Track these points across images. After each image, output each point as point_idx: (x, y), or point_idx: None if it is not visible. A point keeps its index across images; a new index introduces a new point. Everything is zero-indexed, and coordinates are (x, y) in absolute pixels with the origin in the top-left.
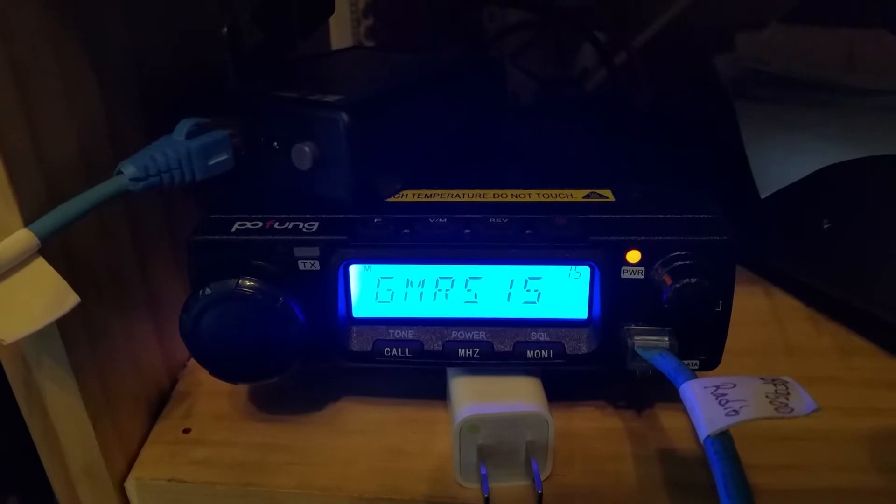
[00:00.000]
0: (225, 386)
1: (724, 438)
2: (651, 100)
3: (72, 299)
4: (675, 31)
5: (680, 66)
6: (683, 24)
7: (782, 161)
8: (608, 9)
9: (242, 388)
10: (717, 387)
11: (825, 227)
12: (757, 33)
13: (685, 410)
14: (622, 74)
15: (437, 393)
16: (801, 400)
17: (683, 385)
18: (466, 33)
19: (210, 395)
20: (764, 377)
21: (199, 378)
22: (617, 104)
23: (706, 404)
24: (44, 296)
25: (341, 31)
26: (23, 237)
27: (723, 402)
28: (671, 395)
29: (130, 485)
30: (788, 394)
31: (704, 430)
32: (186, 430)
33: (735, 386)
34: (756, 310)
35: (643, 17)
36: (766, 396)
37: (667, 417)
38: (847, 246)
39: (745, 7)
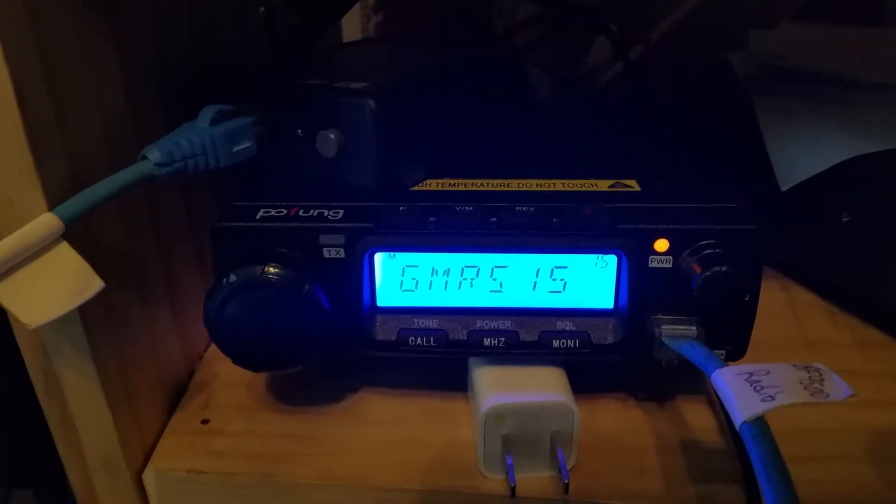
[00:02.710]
0: (243, 376)
1: (760, 423)
2: (668, 94)
3: (96, 284)
4: (687, 28)
5: (695, 62)
6: (695, 22)
7: (803, 154)
8: (620, 4)
9: (260, 379)
10: (751, 374)
11: (844, 220)
12: (769, 32)
13: (706, 401)
14: (638, 69)
15: (458, 384)
16: (836, 385)
17: (716, 373)
18: (477, 29)
19: (228, 386)
20: (796, 364)
21: (217, 369)
22: (634, 99)
23: (741, 391)
24: (68, 280)
25: (351, 27)
26: (47, 221)
27: (757, 389)
28: (692, 387)
29: (148, 476)
30: (823, 380)
31: (740, 417)
32: (205, 421)
33: (768, 373)
34: (774, 303)
35: (653, 14)
36: (801, 382)
37: (688, 408)
38: (866, 240)
39: (755, 5)
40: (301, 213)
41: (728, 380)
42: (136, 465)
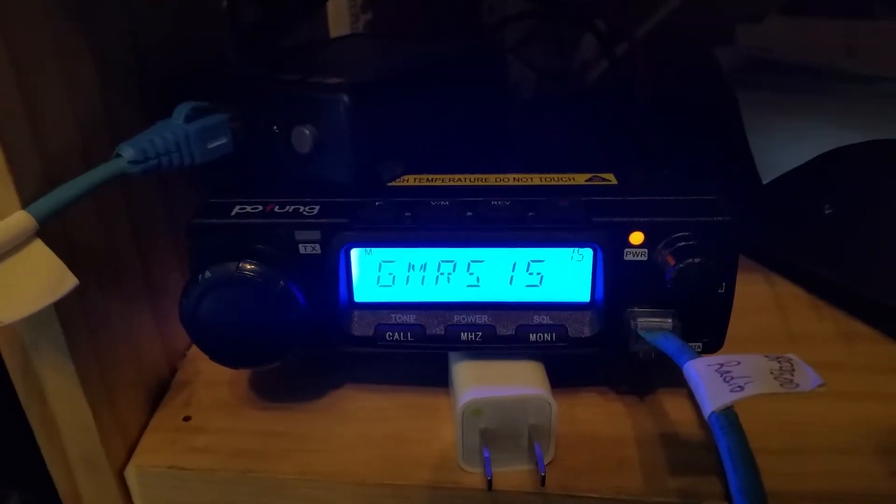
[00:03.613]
0: (225, 375)
1: (728, 413)
2: (652, 89)
3: (70, 281)
4: (674, 23)
5: (680, 57)
6: (682, 17)
7: (784, 146)
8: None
9: (242, 377)
10: (721, 364)
11: (827, 212)
12: (756, 25)
13: (687, 395)
14: (623, 65)
15: (439, 380)
16: (806, 375)
17: (687, 364)
18: (466, 27)
19: (210, 384)
20: (768, 355)
21: (199, 367)
22: (619, 94)
23: (711, 381)
24: (42, 277)
25: (340, 26)
26: (20, 218)
27: (727, 379)
28: (672, 381)
29: (130, 472)
30: (793, 370)
31: (709, 407)
32: (187, 419)
33: (739, 363)
34: (758, 297)
35: (641, 9)
36: (771, 373)
37: (668, 402)
38: (849, 231)
39: None
40: (277, 209)
41: (699, 370)
42: (119, 462)
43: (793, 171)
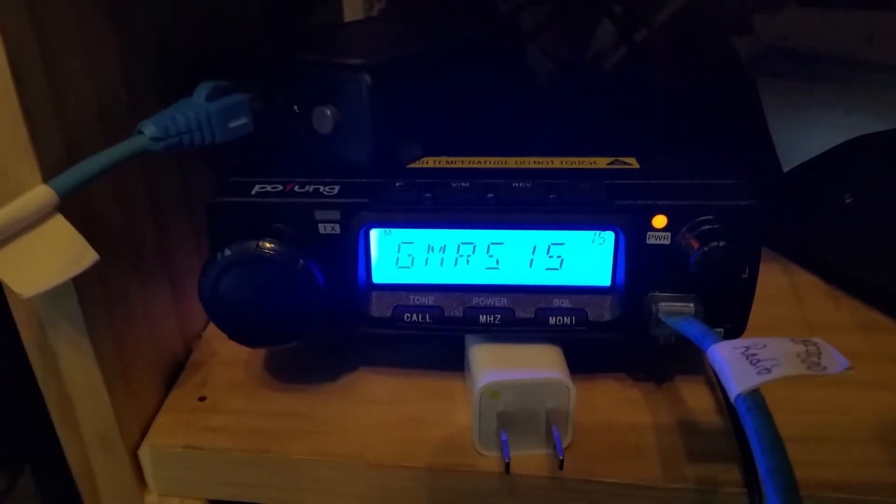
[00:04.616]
0: (240, 355)
1: (755, 396)
2: (671, 77)
3: (90, 256)
4: (691, 11)
5: (698, 45)
6: (700, 5)
7: (805, 134)
8: None
9: (257, 358)
10: (747, 347)
11: (847, 201)
12: (775, 16)
13: (704, 382)
14: (641, 52)
15: (455, 364)
16: (833, 359)
17: (712, 347)
18: (480, 13)
19: (225, 365)
20: (794, 338)
21: (215, 347)
22: (637, 81)
23: (736, 364)
24: (62, 252)
25: (354, 13)
26: (42, 193)
27: (754, 362)
28: (690, 368)
29: (144, 452)
30: (820, 353)
31: (735, 389)
32: (202, 398)
33: (765, 346)
34: (775, 286)
35: None
36: (798, 356)
37: (686, 389)
38: (869, 221)
39: None
40: (297, 188)
41: (724, 353)
42: (133, 441)
43: (813, 159)
